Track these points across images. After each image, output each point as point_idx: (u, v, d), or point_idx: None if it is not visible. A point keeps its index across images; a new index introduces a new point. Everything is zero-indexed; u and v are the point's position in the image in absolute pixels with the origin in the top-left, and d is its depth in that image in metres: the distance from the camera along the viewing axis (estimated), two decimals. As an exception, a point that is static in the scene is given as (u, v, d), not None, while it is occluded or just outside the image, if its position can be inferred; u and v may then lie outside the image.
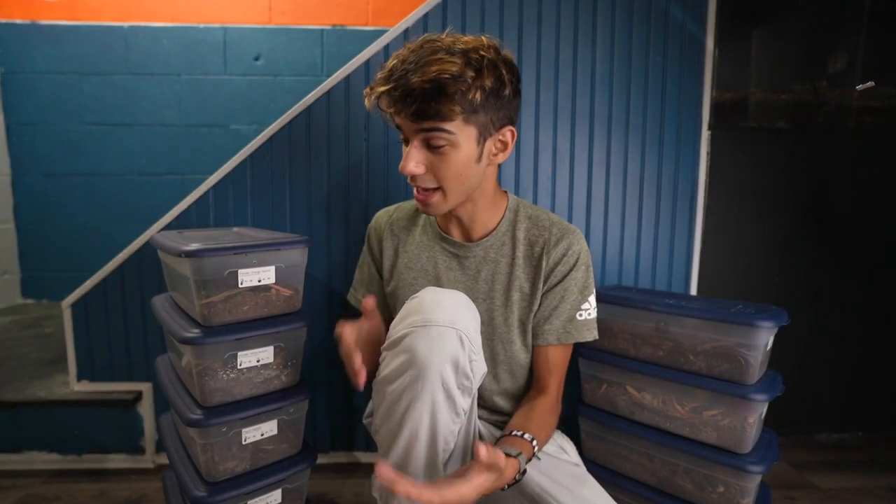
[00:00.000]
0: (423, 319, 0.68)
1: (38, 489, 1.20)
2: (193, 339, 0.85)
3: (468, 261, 0.92)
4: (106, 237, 2.31)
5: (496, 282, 0.91)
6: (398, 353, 0.69)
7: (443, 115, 0.76)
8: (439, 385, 0.68)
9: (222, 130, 2.30)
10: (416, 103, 0.75)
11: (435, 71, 0.74)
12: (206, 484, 0.88)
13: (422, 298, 0.71)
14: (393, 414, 0.70)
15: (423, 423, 0.69)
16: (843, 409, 1.48)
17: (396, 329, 0.71)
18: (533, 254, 0.91)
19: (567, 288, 0.90)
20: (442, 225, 0.95)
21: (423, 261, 0.94)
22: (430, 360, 0.66)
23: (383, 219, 1.02)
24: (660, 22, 1.23)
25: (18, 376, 1.40)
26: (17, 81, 2.22)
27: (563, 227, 0.91)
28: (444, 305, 0.69)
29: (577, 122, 1.24)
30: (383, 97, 0.78)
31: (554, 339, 0.90)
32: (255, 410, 0.89)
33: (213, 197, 1.22)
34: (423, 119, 0.76)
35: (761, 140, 1.37)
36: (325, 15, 2.27)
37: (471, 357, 0.70)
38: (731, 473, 0.92)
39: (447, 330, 0.67)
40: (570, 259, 0.89)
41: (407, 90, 0.74)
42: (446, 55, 0.75)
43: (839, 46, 1.41)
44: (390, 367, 0.70)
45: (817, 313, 1.43)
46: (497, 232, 0.92)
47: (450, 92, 0.74)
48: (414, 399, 0.68)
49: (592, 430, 1.11)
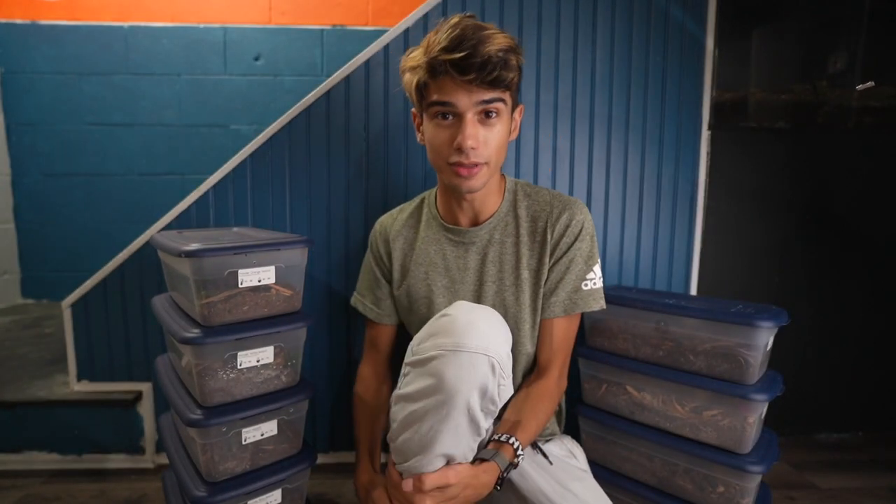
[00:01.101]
0: (454, 343, 0.66)
1: (38, 489, 1.20)
2: (193, 339, 0.85)
3: (474, 245, 0.93)
4: (106, 237, 2.31)
5: (504, 262, 0.92)
6: (424, 375, 0.68)
7: (507, 83, 0.79)
8: (464, 412, 0.67)
9: (222, 130, 2.30)
10: (496, 70, 0.76)
11: (503, 41, 0.77)
12: (206, 484, 0.88)
13: (454, 318, 0.69)
14: (413, 430, 0.70)
15: (444, 445, 0.69)
16: (843, 409, 1.48)
17: (424, 346, 0.69)
18: (536, 229, 0.92)
19: (572, 259, 0.90)
20: (445, 215, 0.96)
21: (431, 254, 0.95)
22: (459, 388, 0.65)
23: (388, 222, 1.02)
24: (660, 22, 1.23)
25: (18, 376, 1.40)
26: (17, 81, 2.23)
27: (564, 199, 0.93)
28: (478, 328, 0.68)
29: (577, 122, 1.24)
30: (450, 67, 0.76)
31: (560, 311, 0.90)
32: (255, 410, 0.89)
33: (213, 197, 1.22)
34: (496, 87, 0.78)
35: (761, 140, 1.37)
36: (325, 15, 2.27)
37: (499, 383, 0.69)
38: (731, 473, 0.92)
39: (479, 357, 0.66)
40: (574, 229, 0.90)
41: (485, 57, 0.75)
42: (497, 31, 0.78)
43: (839, 46, 1.41)
44: (414, 385, 0.69)
45: (817, 313, 1.43)
46: (499, 212, 0.93)
47: (512, 63, 0.79)
48: (437, 423, 0.67)
49: (592, 430, 1.11)
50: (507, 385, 0.72)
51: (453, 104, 0.80)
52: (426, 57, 0.79)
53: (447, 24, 0.78)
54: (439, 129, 0.83)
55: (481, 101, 0.79)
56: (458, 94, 0.78)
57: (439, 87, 0.80)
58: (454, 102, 0.79)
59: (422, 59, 0.80)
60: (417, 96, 0.85)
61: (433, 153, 0.87)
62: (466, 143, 0.79)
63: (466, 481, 0.72)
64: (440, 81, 0.79)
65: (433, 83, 0.81)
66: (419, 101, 0.86)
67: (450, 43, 0.76)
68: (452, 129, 0.82)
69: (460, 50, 0.75)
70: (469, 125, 0.80)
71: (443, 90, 0.79)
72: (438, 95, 0.80)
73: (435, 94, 0.81)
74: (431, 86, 0.81)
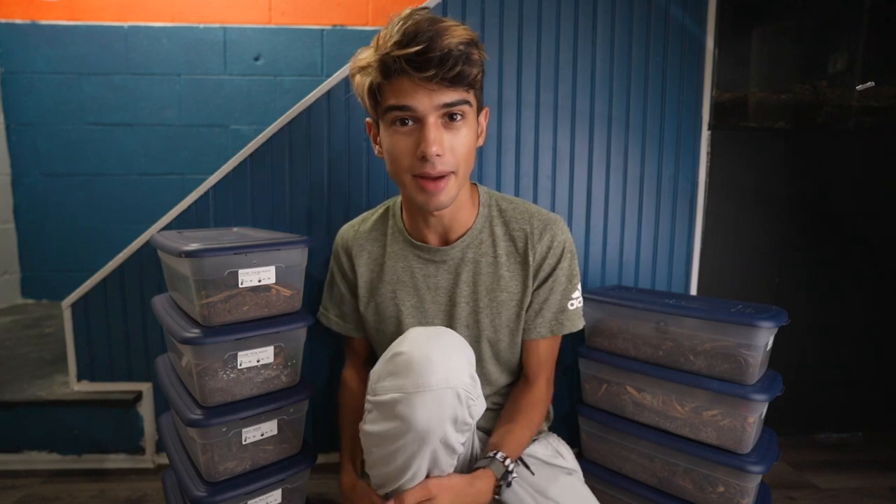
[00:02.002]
0: (414, 384, 0.63)
1: (38, 489, 1.20)
2: (193, 339, 0.85)
3: (445, 265, 0.88)
4: (106, 237, 2.31)
5: (479, 283, 0.87)
6: (390, 418, 0.65)
7: (470, 81, 0.71)
8: (439, 443, 0.66)
9: (222, 130, 2.30)
10: (458, 65, 0.68)
11: (463, 34, 0.69)
12: (206, 484, 0.88)
13: (409, 356, 0.65)
14: (387, 465, 0.68)
15: (422, 470, 0.68)
16: (843, 409, 1.48)
17: (383, 386, 0.66)
18: (517, 250, 0.87)
19: (556, 279, 0.87)
20: (412, 231, 0.89)
21: (398, 271, 0.90)
22: (430, 427, 0.63)
23: (349, 234, 0.96)
24: (660, 22, 1.23)
25: (18, 376, 1.40)
26: (17, 81, 2.23)
27: (544, 217, 0.87)
28: (435, 363, 0.64)
29: (577, 122, 1.24)
30: (405, 64, 0.68)
31: (546, 332, 0.88)
32: (255, 410, 0.89)
33: (213, 197, 1.22)
34: (459, 85, 0.70)
35: (761, 140, 1.37)
36: (325, 15, 2.27)
37: (469, 404, 0.66)
38: (731, 473, 0.92)
39: (443, 392, 0.63)
40: (556, 250, 0.86)
41: (445, 51, 0.66)
42: (454, 23, 0.70)
43: (839, 46, 1.41)
44: (380, 426, 0.66)
45: (817, 313, 1.43)
46: (473, 230, 0.87)
47: (475, 57, 0.71)
48: (411, 457, 0.66)
49: (592, 431, 1.11)
50: (478, 402, 0.69)
51: (412, 108, 0.71)
52: (378, 54, 0.70)
53: (398, 16, 0.70)
54: (398, 136, 0.74)
55: (444, 104, 0.70)
56: (417, 95, 0.70)
57: (395, 89, 0.71)
58: (413, 105, 0.70)
59: (373, 58, 0.71)
60: (371, 101, 0.75)
61: (393, 165, 0.77)
62: (430, 149, 0.70)
63: (459, 488, 0.71)
64: (396, 83, 0.70)
65: (388, 85, 0.71)
66: (374, 108, 0.76)
67: (403, 37, 0.67)
68: (413, 135, 0.73)
69: (416, 43, 0.66)
70: (432, 130, 0.71)
71: (400, 93, 0.70)
72: (395, 99, 0.71)
73: (391, 97, 0.71)
74: (386, 88, 0.72)
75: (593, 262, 1.28)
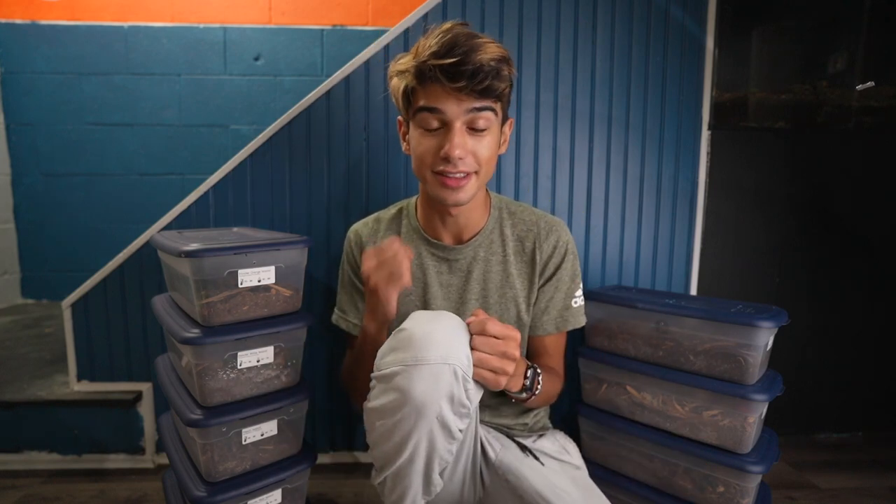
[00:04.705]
0: (414, 357, 0.65)
1: (38, 489, 1.20)
2: (193, 339, 0.85)
3: (458, 263, 0.93)
4: (106, 237, 2.31)
5: (489, 280, 0.92)
6: (389, 391, 0.67)
7: (498, 93, 0.78)
8: (435, 421, 0.67)
9: (222, 130, 2.30)
10: (487, 79, 0.75)
11: (496, 51, 0.76)
12: (206, 484, 0.88)
13: (411, 332, 0.68)
14: (387, 442, 0.69)
15: (420, 452, 0.68)
16: (843, 409, 1.48)
17: (386, 361, 0.68)
18: (524, 249, 0.93)
19: (560, 279, 0.93)
20: (427, 228, 0.94)
21: (411, 269, 0.90)
22: (426, 400, 0.65)
23: (363, 231, 0.99)
24: (660, 22, 1.23)
25: (18, 376, 1.40)
26: (17, 81, 2.23)
27: (549, 220, 0.94)
28: (435, 339, 0.66)
29: (577, 122, 1.24)
30: (439, 73, 0.74)
31: (552, 329, 0.94)
32: (255, 410, 0.89)
33: (213, 197, 1.22)
34: (486, 97, 0.77)
35: (761, 140, 1.37)
36: (325, 15, 2.27)
37: (466, 387, 0.68)
38: (731, 473, 0.92)
39: (441, 367, 0.65)
40: (560, 250, 0.93)
41: (477, 65, 0.73)
42: (489, 40, 0.77)
43: (839, 46, 1.41)
44: (380, 400, 0.68)
45: (817, 313, 1.43)
46: (485, 230, 0.93)
47: (504, 73, 0.77)
48: (409, 433, 0.67)
49: (592, 430, 1.11)
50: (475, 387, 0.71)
51: (441, 111, 0.77)
52: (415, 61, 0.77)
53: (439, 29, 0.77)
54: (425, 137, 0.81)
55: (471, 108, 0.77)
56: (447, 101, 0.76)
57: (427, 93, 0.78)
58: (442, 109, 0.77)
59: (410, 64, 0.78)
60: (404, 102, 0.83)
61: (418, 162, 0.84)
62: (454, 152, 0.77)
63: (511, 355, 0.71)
64: (429, 87, 0.77)
65: (421, 89, 0.79)
66: (406, 108, 0.83)
67: (441, 48, 0.74)
68: (439, 137, 0.80)
69: (451, 56, 0.73)
70: (457, 134, 0.78)
71: (431, 96, 0.77)
72: (426, 101, 0.78)
73: (423, 99, 0.78)
74: (419, 91, 0.79)
75: (593, 262, 1.28)
